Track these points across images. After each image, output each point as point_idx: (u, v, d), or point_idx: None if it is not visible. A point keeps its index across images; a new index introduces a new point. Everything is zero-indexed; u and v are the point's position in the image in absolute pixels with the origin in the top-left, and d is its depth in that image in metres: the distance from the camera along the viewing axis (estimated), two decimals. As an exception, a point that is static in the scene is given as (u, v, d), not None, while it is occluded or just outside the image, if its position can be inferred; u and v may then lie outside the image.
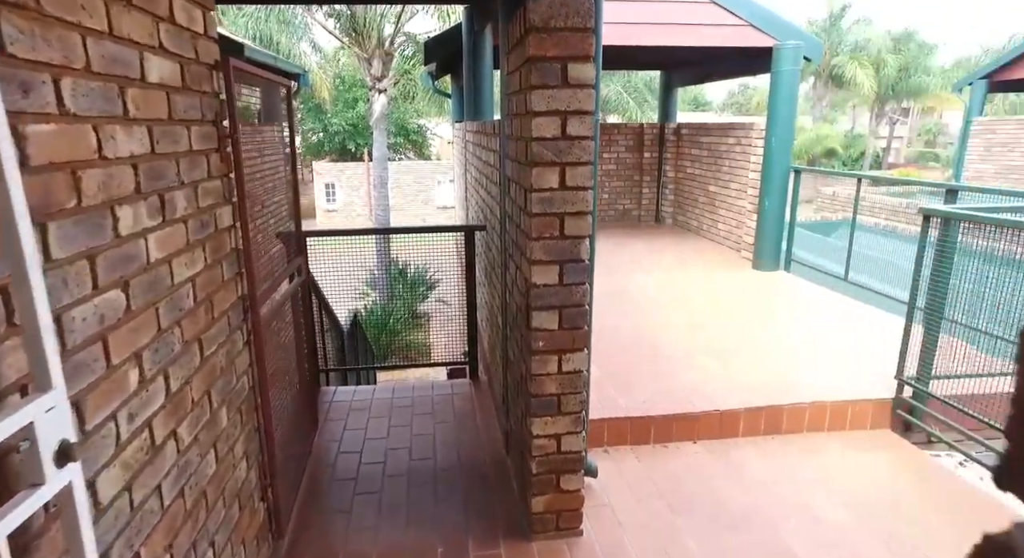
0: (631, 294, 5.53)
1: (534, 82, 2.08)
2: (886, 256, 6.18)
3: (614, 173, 9.11)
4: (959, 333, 3.36)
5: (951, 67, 30.47)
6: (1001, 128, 12.53)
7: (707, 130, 7.86)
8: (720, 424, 3.30)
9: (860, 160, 30.67)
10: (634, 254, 7.19)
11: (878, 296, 5.12)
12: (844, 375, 3.71)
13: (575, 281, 2.24)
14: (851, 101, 31.40)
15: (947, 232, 3.13)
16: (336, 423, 3.53)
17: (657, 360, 3.98)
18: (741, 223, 6.91)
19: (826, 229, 9.75)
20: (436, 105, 18.97)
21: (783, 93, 5.91)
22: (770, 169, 6.11)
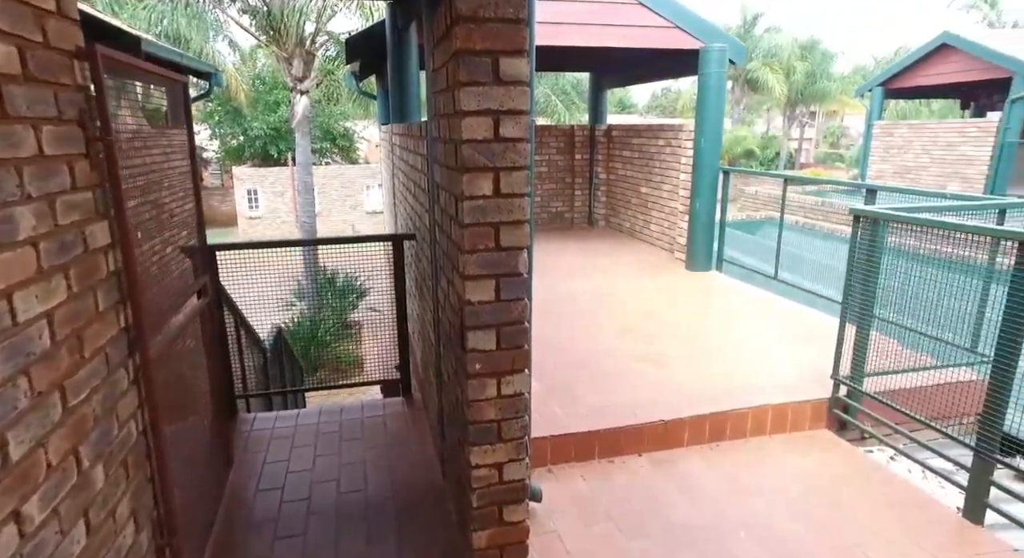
0: (568, 301, 5.42)
1: (462, 78, 1.88)
2: (808, 254, 6.38)
3: (546, 175, 9.03)
4: (888, 330, 3.42)
5: (850, 74, 32.63)
6: (896, 131, 13.43)
7: (637, 132, 7.91)
8: (665, 434, 3.20)
9: (775, 160, 32.31)
10: (569, 258, 7.11)
11: (806, 294, 5.24)
12: (782, 376, 3.71)
13: (513, 296, 2.05)
14: (765, 105, 33.03)
15: (875, 232, 3.17)
16: (255, 456, 3.19)
17: (598, 370, 3.86)
18: (673, 224, 6.96)
19: (750, 228, 10.07)
20: (362, 107, 18.40)
21: (711, 94, 5.98)
22: (700, 170, 6.17)
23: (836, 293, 4.96)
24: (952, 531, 2.69)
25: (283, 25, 10.85)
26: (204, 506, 2.50)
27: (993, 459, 2.66)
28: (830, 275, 5.37)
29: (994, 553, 2.56)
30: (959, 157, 11.81)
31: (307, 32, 11.88)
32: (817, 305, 5.05)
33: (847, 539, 2.56)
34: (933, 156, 12.36)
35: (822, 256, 5.79)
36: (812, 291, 5.19)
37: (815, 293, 5.15)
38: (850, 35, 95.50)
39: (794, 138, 36.26)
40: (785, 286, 5.56)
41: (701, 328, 4.69)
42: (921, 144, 12.62)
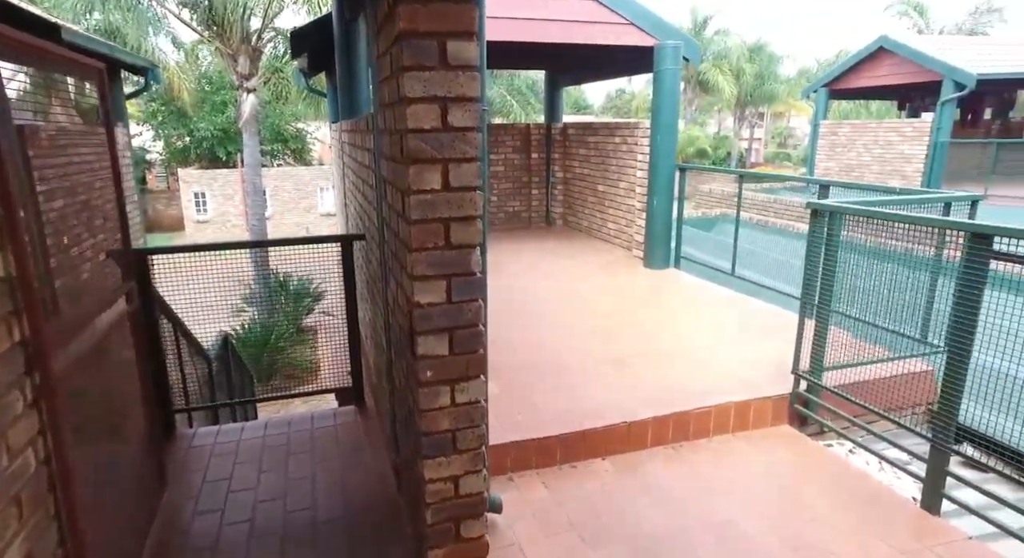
0: (527, 301, 5.31)
1: (407, 62, 1.74)
2: (764, 250, 6.45)
3: (503, 174, 8.91)
4: (845, 324, 3.43)
5: (795, 77, 33.69)
6: (841, 131, 13.88)
7: (594, 130, 7.87)
8: (628, 436, 3.12)
9: (727, 159, 33.09)
10: (527, 258, 7.01)
11: (765, 290, 5.28)
12: (744, 373, 3.69)
13: (466, 298, 1.91)
14: (716, 106, 33.81)
15: (832, 225, 3.16)
16: (193, 475, 2.96)
17: (558, 372, 3.76)
18: (631, 222, 6.95)
19: (706, 225, 10.18)
20: (313, 106, 17.91)
21: (666, 91, 5.97)
22: (657, 167, 6.16)
23: (792, 288, 5.02)
24: (910, 522, 2.68)
25: (226, 20, 10.39)
26: (130, 537, 2.27)
27: (949, 449, 2.67)
28: (786, 271, 5.43)
29: (951, 542, 2.56)
30: (897, 155, 12.28)
31: (253, 28, 11.44)
32: (776, 300, 5.09)
33: (810, 536, 2.52)
34: (874, 154, 12.82)
35: (777, 252, 5.85)
36: (770, 287, 5.23)
37: (773, 289, 5.19)
38: (795, 39, 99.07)
39: (744, 138, 37.25)
40: (743, 282, 5.59)
41: (661, 326, 4.64)
42: (863, 143, 13.07)
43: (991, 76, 11.40)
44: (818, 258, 3.27)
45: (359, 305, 3.74)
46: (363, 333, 3.84)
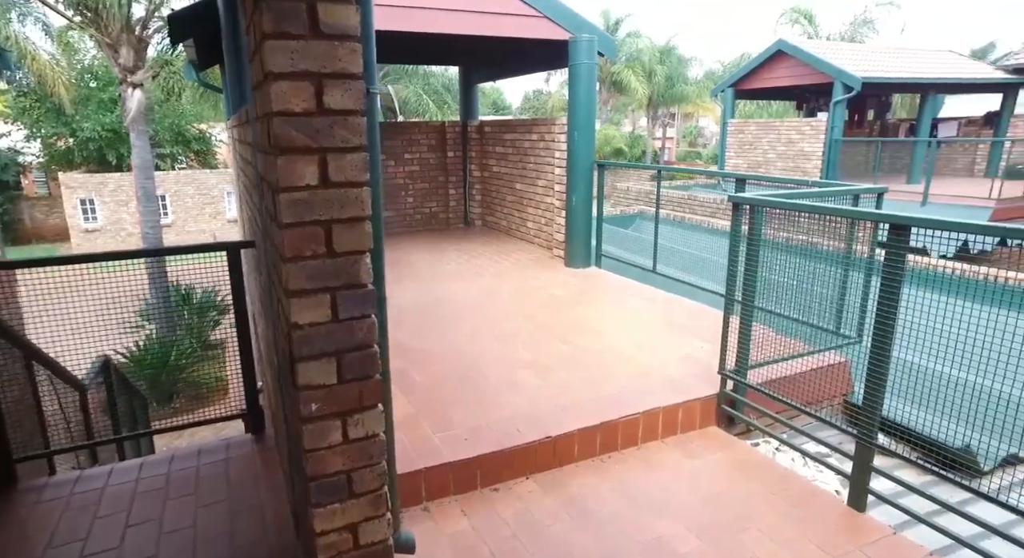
0: (444, 306, 5.01)
1: (267, 29, 1.41)
2: (681, 246, 6.49)
3: (418, 174, 8.55)
4: (768, 320, 3.37)
5: (702, 78, 35.21)
6: (747, 129, 14.49)
7: (511, 127, 7.67)
8: (554, 452, 2.90)
9: (643, 158, 34.10)
10: (445, 261, 6.70)
11: (686, 286, 5.24)
12: (670, 373, 3.57)
13: (356, 314, 1.60)
14: (630, 106, 34.76)
15: (753, 219, 3.08)
16: (35, 537, 2.45)
17: (478, 384, 3.49)
18: (551, 221, 6.79)
19: (625, 223, 10.26)
20: (211, 105, 16.71)
21: (581, 86, 5.84)
22: (575, 164, 6.03)
23: (713, 284, 5.00)
24: (838, 520, 2.62)
25: (101, 4, 9.34)
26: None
27: (873, 445, 2.62)
28: (705, 267, 5.44)
29: (878, 539, 2.51)
30: (798, 152, 12.96)
31: (136, 15, 10.41)
32: (698, 297, 5.07)
33: (739, 541, 2.39)
34: (778, 151, 13.47)
35: (695, 248, 5.88)
36: (691, 283, 5.19)
37: (694, 285, 5.16)
38: (702, 43, 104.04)
39: (658, 137, 38.55)
40: (665, 279, 5.55)
41: (585, 328, 4.48)
42: (768, 141, 13.71)
43: (874, 80, 12.23)
44: (740, 254, 3.19)
45: (258, 320, 3.32)
46: (260, 351, 3.42)
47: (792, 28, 25.78)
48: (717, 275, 4.96)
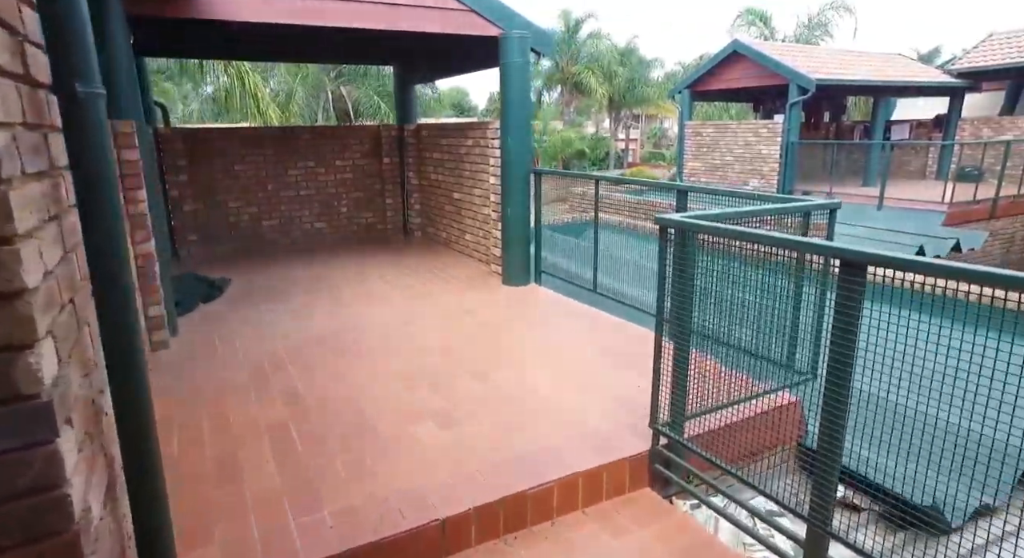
0: (354, 337, 4.41)
1: None
2: (630, 256, 5.99)
3: (352, 182, 7.91)
4: (708, 350, 2.88)
5: (663, 81, 35.21)
6: (705, 131, 14.21)
7: (446, 131, 7.10)
8: (444, 538, 2.34)
9: (606, 160, 33.87)
10: (373, 278, 6.09)
11: (630, 308, 4.75)
12: (598, 420, 3.04)
13: (16, 444, 1.01)
14: (593, 107, 34.50)
15: (683, 240, 2.59)
16: None
17: (365, 442, 2.91)
18: (488, 233, 6.24)
19: (578, 230, 9.77)
20: None
21: (514, 87, 5.31)
22: (510, 172, 5.49)
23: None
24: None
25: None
26: None
27: (828, 534, 2.14)
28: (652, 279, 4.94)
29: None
30: (756, 155, 12.70)
31: None
32: (647, 320, 4.58)
33: None
34: (736, 154, 13.20)
35: (645, 259, 5.37)
36: (633, 305, 4.70)
37: (636, 307, 4.67)
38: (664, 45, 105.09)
39: (621, 139, 38.43)
40: (607, 299, 5.05)
41: (507, 360, 3.94)
42: (726, 143, 13.43)
43: (828, 81, 12.05)
44: (668, 280, 2.69)
45: None
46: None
47: (748, 30, 25.79)
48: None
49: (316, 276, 6.19)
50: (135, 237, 3.89)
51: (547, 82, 32.42)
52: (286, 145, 7.43)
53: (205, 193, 7.05)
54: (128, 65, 3.92)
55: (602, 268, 5.26)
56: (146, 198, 3.98)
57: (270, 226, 7.51)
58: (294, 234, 7.67)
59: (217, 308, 5.17)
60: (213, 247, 7.18)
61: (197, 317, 4.93)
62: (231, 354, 4.08)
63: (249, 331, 4.56)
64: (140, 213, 3.89)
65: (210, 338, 4.40)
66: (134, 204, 3.86)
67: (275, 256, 7.14)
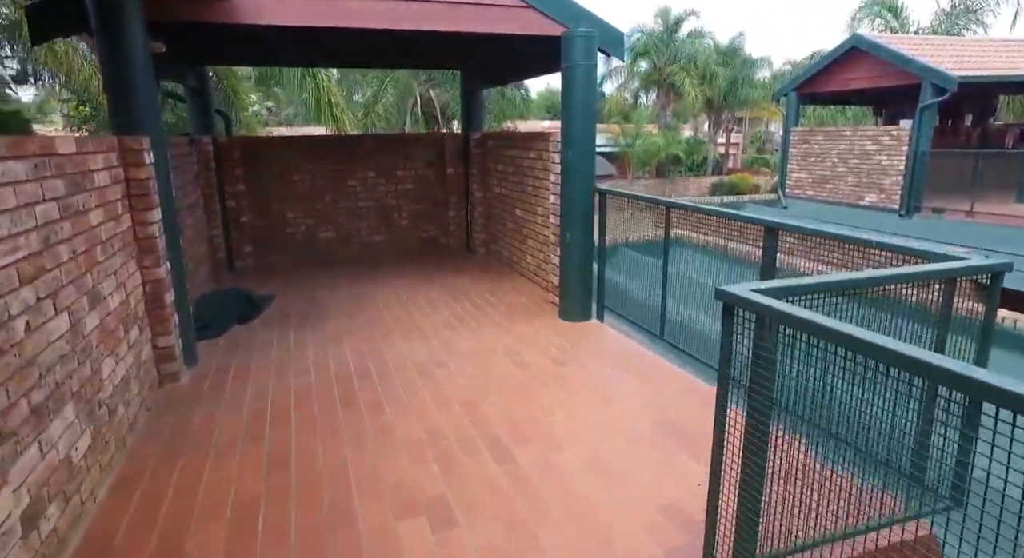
0: (379, 378, 3.89)
1: None
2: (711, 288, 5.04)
3: (413, 193, 7.50)
4: (799, 430, 2.05)
5: (771, 81, 32.71)
6: (814, 139, 12.66)
7: (511, 141, 6.49)
8: None
9: (703, 165, 31.99)
10: (420, 301, 5.59)
11: (708, 365, 3.91)
12: (633, 547, 2.30)
13: None
14: (690, 110, 32.69)
15: (762, 328, 1.79)
16: None
17: (338, 540, 2.33)
18: (547, 258, 5.56)
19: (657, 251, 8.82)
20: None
21: (577, 92, 4.60)
22: (569, 191, 4.78)
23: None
24: None
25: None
26: None
27: None
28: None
29: None
30: (875, 166, 11.07)
31: None
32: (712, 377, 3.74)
33: None
34: (850, 165, 11.61)
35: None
36: (710, 364, 3.85)
37: (714, 367, 3.82)
38: (774, 44, 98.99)
39: (721, 143, 36.25)
40: (678, 350, 4.22)
41: (538, 430, 3.25)
42: (838, 152, 11.86)
43: (975, 79, 10.26)
44: (734, 371, 1.90)
45: None
46: None
47: (872, 24, 23.02)
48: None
49: (361, 295, 5.79)
50: (143, 262, 3.59)
51: (644, 83, 31.11)
52: (346, 154, 7.13)
53: (262, 203, 6.88)
54: (145, 76, 3.62)
55: (678, 300, 4.41)
56: (159, 219, 3.66)
57: (327, 238, 7.24)
58: (351, 247, 7.37)
59: (250, 331, 4.86)
60: (269, 258, 7.01)
61: (225, 341, 4.63)
62: (239, 393, 3.69)
63: (270, 362, 4.17)
64: (149, 236, 3.57)
65: (226, 370, 4.05)
66: (143, 226, 3.55)
67: (329, 269, 6.85)
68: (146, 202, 3.53)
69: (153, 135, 3.67)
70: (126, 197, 3.45)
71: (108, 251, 3.04)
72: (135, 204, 3.50)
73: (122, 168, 3.41)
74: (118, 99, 3.59)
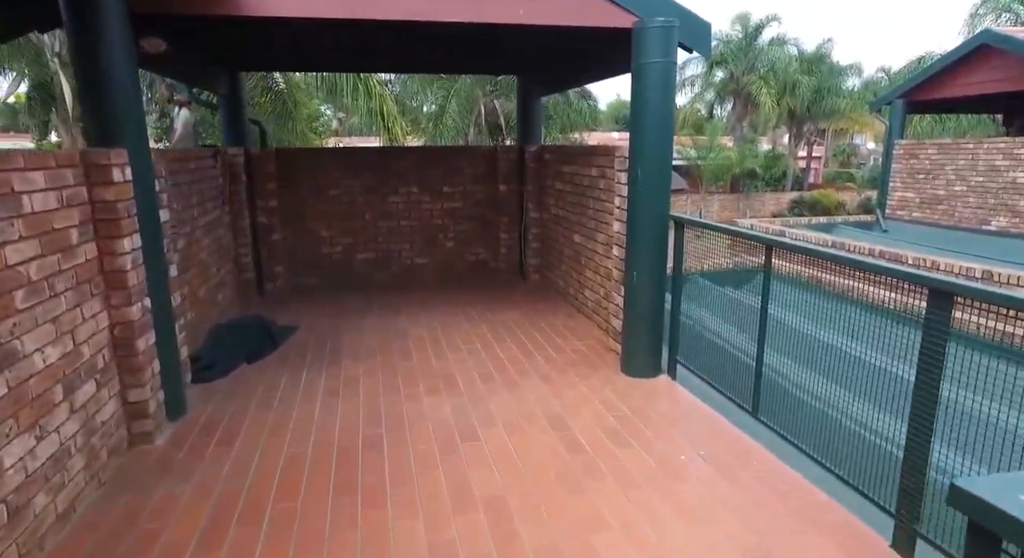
0: (391, 452, 3.10)
1: None
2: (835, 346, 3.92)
3: (461, 212, 6.76)
4: None
5: (859, 88, 30.23)
6: (923, 153, 11.06)
7: (570, 156, 5.64)
8: None
9: (782, 180, 29.93)
10: (456, 339, 4.80)
11: (842, 480, 2.88)
12: None
13: None
14: (770, 121, 30.69)
15: None
16: None
17: None
18: (609, 295, 4.66)
19: (741, 280, 7.67)
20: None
21: (651, 97, 3.70)
22: (637, 219, 3.87)
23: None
24: None
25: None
26: None
27: None
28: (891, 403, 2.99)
29: None
30: (1007, 185, 9.41)
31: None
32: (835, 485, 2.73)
33: None
34: (972, 184, 9.98)
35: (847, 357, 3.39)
36: (845, 479, 2.79)
37: (849, 482, 2.77)
38: (864, 48, 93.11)
39: (802, 156, 33.93)
40: (777, 437, 3.21)
41: (577, 550, 2.35)
42: (955, 168, 10.25)
43: None
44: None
45: None
46: None
47: (997, 20, 20.23)
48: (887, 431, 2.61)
49: (392, 329, 5.07)
50: (110, 300, 2.96)
51: (720, 94, 29.47)
52: (388, 168, 6.48)
53: (296, 220, 6.32)
54: (125, 77, 3.01)
55: (778, 351, 3.37)
56: (135, 248, 3.04)
57: (365, 259, 6.60)
58: (392, 269, 6.70)
59: (259, 371, 4.22)
60: (301, 280, 6.43)
61: (228, 384, 3.99)
62: (217, 465, 2.98)
63: (267, 419, 3.47)
64: (119, 269, 2.94)
65: (214, 428, 3.37)
66: (111, 257, 2.92)
67: (363, 294, 6.19)
68: (115, 228, 2.90)
69: (133, 147, 3.06)
70: (90, 222, 2.83)
71: (41, 293, 2.39)
72: (100, 231, 2.88)
73: (85, 187, 2.80)
74: (92, 104, 3.00)
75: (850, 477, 2.68)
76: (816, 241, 8.41)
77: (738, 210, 26.82)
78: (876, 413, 2.82)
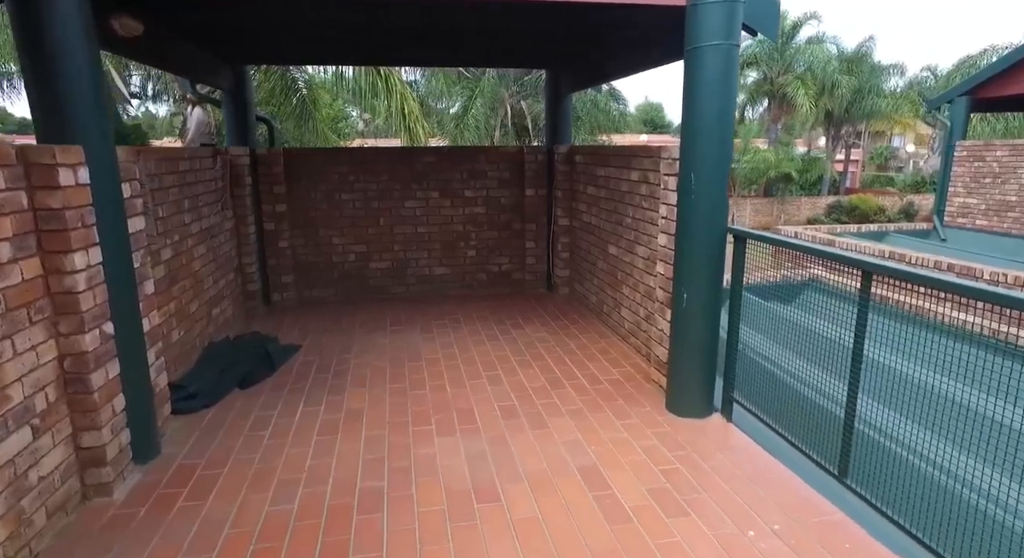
0: (391, 509, 2.55)
1: None
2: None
3: (484, 218, 6.20)
4: None
5: (905, 89, 28.92)
6: (990, 155, 10.16)
7: (604, 158, 5.04)
8: None
9: (818, 184, 28.78)
10: (474, 367, 4.24)
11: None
12: None
13: None
14: (808, 122, 29.55)
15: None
16: None
17: None
18: (651, 317, 4.05)
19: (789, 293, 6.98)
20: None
21: (708, 89, 3.09)
22: (687, 232, 3.26)
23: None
24: None
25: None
26: None
27: None
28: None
29: None
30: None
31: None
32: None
33: None
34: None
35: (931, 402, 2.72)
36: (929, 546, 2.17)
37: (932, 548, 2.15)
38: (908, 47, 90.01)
39: (839, 159, 32.65)
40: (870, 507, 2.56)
41: None
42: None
43: None
44: None
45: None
46: None
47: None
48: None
49: (404, 350, 4.54)
50: (58, 327, 2.46)
51: (752, 96, 28.42)
52: (405, 171, 5.96)
53: (305, 226, 5.83)
54: (82, 61, 2.52)
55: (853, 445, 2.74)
56: (91, 264, 2.55)
57: (379, 269, 6.09)
58: (408, 280, 6.17)
59: (249, 399, 3.71)
60: (311, 291, 5.94)
61: (212, 415, 3.50)
62: (181, 529, 2.47)
63: (250, 464, 2.96)
64: (69, 290, 2.45)
65: (187, 476, 2.86)
66: (58, 276, 2.43)
67: (377, 307, 5.68)
68: (62, 241, 2.41)
69: (94, 145, 2.57)
70: (32, 234, 2.34)
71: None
72: (45, 244, 2.39)
73: (24, 192, 2.31)
74: (39, 92, 2.52)
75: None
76: (875, 253, 7.63)
77: (772, 215, 25.79)
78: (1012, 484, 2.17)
